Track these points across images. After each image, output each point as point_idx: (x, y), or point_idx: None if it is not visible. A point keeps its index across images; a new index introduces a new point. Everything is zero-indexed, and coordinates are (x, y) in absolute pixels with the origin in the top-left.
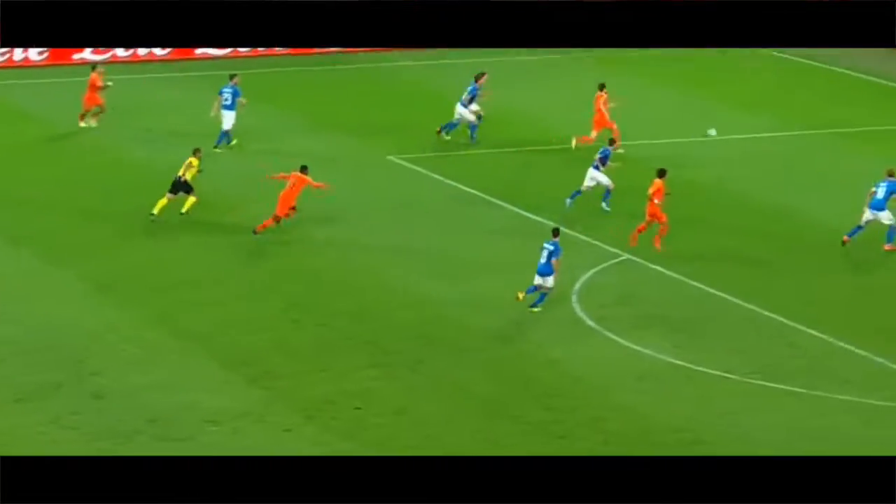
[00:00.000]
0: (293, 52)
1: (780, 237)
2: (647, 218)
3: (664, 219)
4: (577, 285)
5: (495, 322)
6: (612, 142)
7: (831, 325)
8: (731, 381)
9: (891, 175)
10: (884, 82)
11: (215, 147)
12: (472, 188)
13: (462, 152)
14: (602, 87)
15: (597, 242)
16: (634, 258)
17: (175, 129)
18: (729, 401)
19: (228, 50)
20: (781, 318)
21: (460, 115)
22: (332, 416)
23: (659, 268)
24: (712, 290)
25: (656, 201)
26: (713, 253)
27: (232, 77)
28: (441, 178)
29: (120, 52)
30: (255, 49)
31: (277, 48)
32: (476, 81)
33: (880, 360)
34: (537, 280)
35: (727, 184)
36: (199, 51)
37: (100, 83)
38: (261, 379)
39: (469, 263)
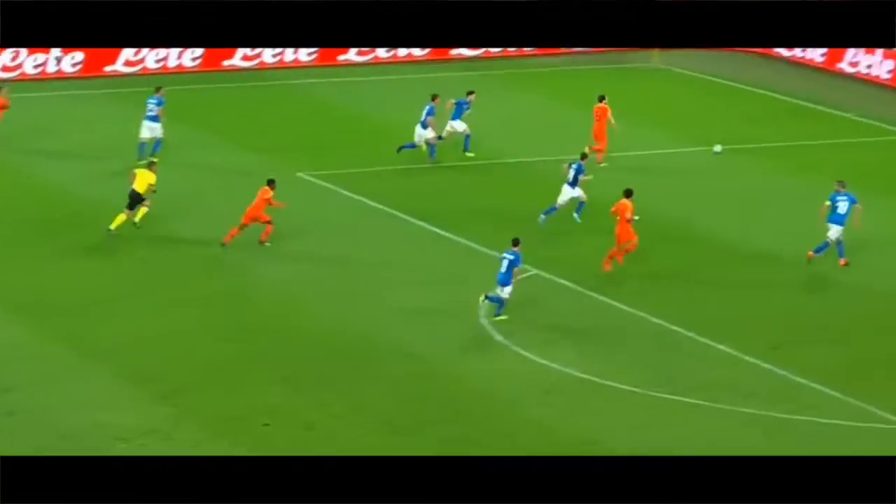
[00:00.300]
0: (206, 70)
1: (684, 252)
2: (617, 241)
3: (634, 239)
4: (486, 300)
5: (404, 337)
6: (583, 156)
7: (735, 339)
8: (637, 395)
9: (842, 186)
10: (788, 99)
11: (152, 156)
12: (382, 204)
13: (371, 169)
14: (602, 98)
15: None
16: (543, 273)
17: (84, 146)
18: (636, 414)
19: (139, 67)
20: (687, 332)
21: (419, 136)
22: (240, 433)
23: (567, 282)
24: (619, 305)
25: (628, 217)
26: (619, 268)
27: (158, 89)
28: (351, 194)
29: (29, 70)
30: (165, 66)
31: (189, 66)
32: (432, 101)
33: (783, 372)
34: (498, 290)
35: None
36: (109, 68)
37: (8, 103)
38: (169, 395)
39: (377, 278)
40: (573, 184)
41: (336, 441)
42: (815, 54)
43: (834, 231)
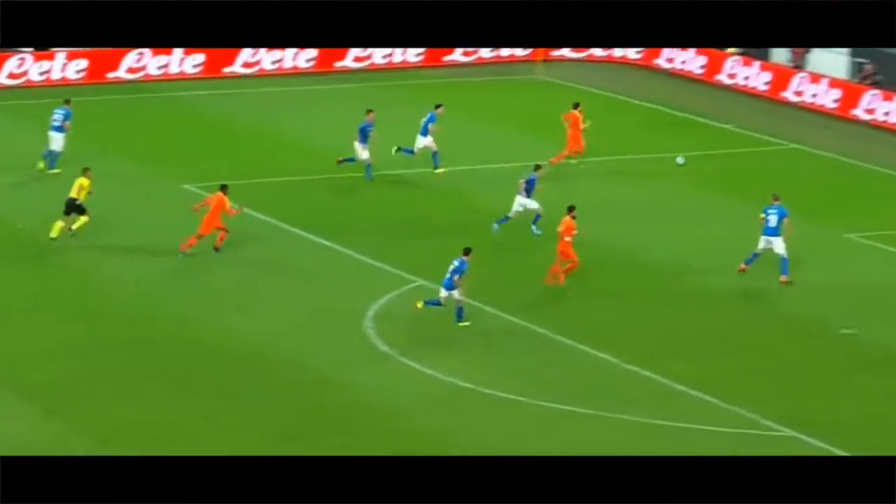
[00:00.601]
0: (91, 82)
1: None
2: (560, 258)
3: (574, 257)
4: (372, 311)
5: (291, 349)
6: (537, 167)
7: (617, 348)
8: (521, 403)
9: (776, 199)
10: (668, 111)
11: (50, 169)
12: (268, 216)
13: (259, 180)
14: (576, 105)
15: (391, 268)
16: (428, 283)
17: None
18: (520, 423)
19: (23, 80)
20: (570, 341)
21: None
22: (129, 445)
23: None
24: (504, 315)
25: (567, 238)
26: (505, 277)
27: (67, 101)
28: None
29: None
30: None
31: (73, 78)
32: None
33: (664, 380)
34: (442, 293)
35: (494, 208)
36: None
37: None
38: (58, 409)
39: (265, 289)
40: (527, 195)
41: (225, 452)
42: (695, 66)
43: (776, 245)
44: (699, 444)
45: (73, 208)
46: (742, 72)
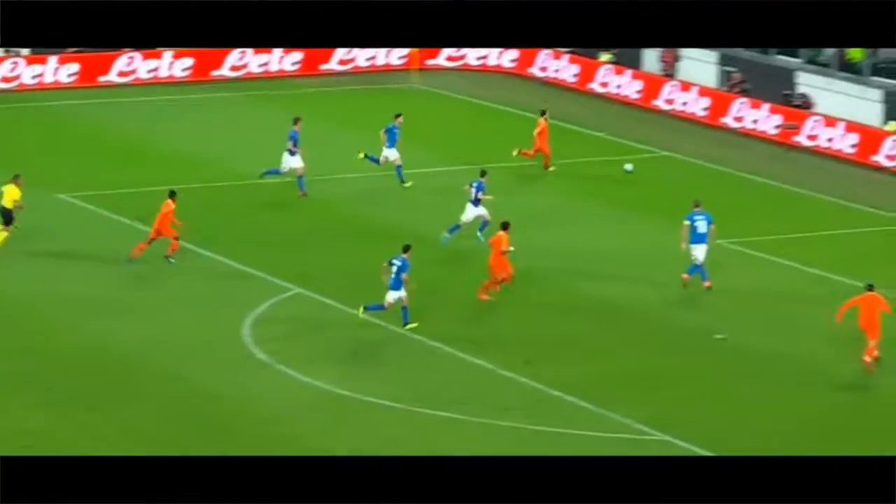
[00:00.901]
0: None
1: (443, 269)
2: (491, 272)
3: (509, 270)
4: (249, 319)
5: (166, 359)
6: (483, 173)
7: (493, 354)
8: (398, 410)
9: (697, 206)
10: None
11: None
12: (143, 225)
13: (132, 189)
14: (543, 113)
15: (267, 276)
16: (305, 291)
17: None
18: (395, 429)
19: None
20: (447, 348)
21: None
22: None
23: (329, 300)
24: (381, 322)
25: (503, 249)
26: (379, 284)
27: None
28: (114, 215)
29: None
30: None
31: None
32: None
33: (539, 386)
34: (388, 296)
35: (388, 219)
36: None
37: None
38: None
39: (141, 299)
40: (476, 202)
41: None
42: (568, 74)
43: (700, 251)
44: (573, 449)
45: (6, 217)
46: (614, 80)
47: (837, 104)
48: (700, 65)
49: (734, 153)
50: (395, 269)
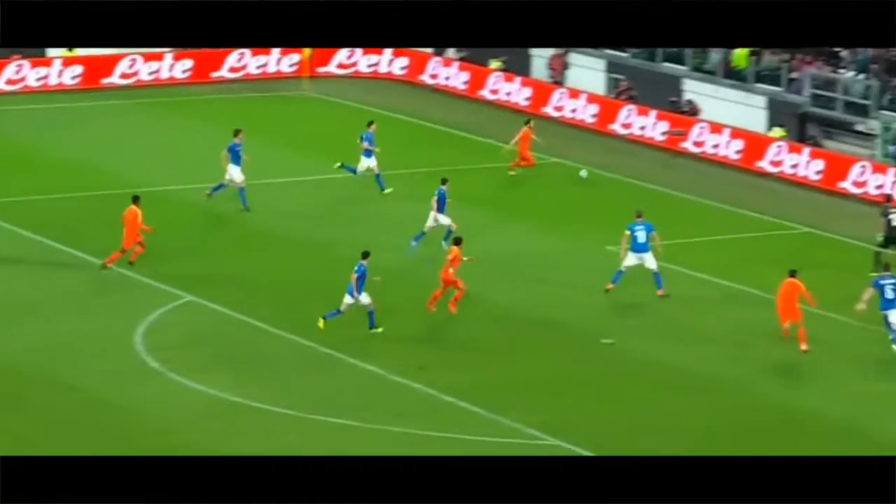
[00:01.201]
0: None
1: (329, 275)
2: (442, 285)
3: (461, 284)
4: (141, 327)
5: (58, 368)
6: (444, 181)
7: (384, 360)
8: (291, 417)
9: (639, 216)
10: (433, 126)
11: None
12: (31, 233)
13: (20, 198)
14: (528, 122)
15: (159, 284)
16: (197, 299)
17: None
18: (288, 436)
19: None
20: (339, 354)
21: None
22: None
23: (222, 308)
24: (273, 329)
25: (451, 270)
26: (272, 291)
27: None
28: (2, 223)
29: None
30: None
31: None
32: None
33: (431, 392)
34: (347, 299)
35: (281, 224)
36: None
37: None
38: None
39: (32, 310)
40: (440, 209)
41: None
42: (458, 82)
43: (647, 260)
44: (464, 454)
45: None
46: (504, 87)
47: (723, 111)
48: (588, 72)
49: (622, 160)
50: (355, 275)
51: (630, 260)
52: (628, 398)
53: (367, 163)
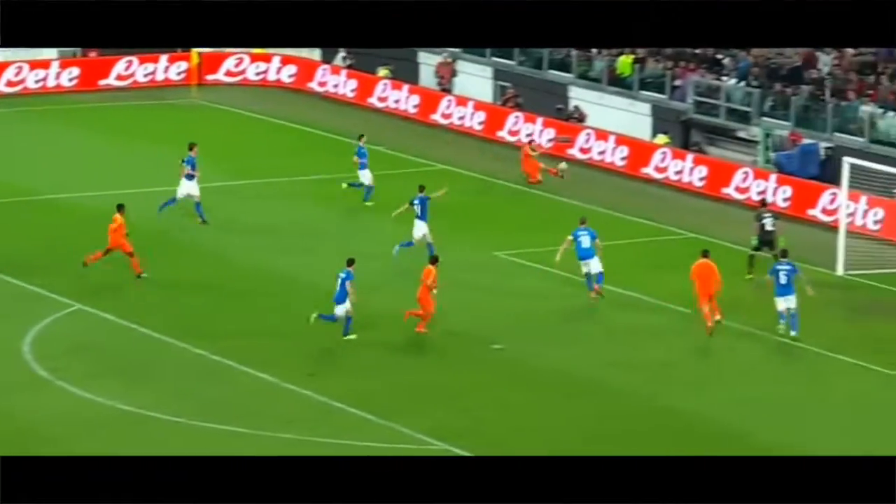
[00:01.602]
0: None
1: (221, 283)
2: (420, 305)
3: (431, 306)
4: (29, 336)
5: None
6: (421, 188)
7: (275, 367)
8: (181, 425)
9: (583, 223)
10: (322, 133)
11: None
12: None
13: None
14: (530, 142)
15: (47, 293)
16: (86, 308)
17: None
18: (178, 443)
19: None
20: (228, 361)
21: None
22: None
23: (110, 316)
24: (162, 337)
25: (429, 284)
26: (160, 299)
27: None
28: None
29: None
30: None
31: None
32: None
33: (322, 398)
34: (337, 309)
35: (174, 233)
36: None
37: None
38: None
39: None
40: (423, 218)
41: None
42: (347, 89)
43: (592, 265)
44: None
45: None
46: (392, 95)
47: (608, 118)
48: (476, 80)
49: (510, 166)
50: (340, 281)
51: (583, 267)
52: (517, 403)
53: (362, 177)
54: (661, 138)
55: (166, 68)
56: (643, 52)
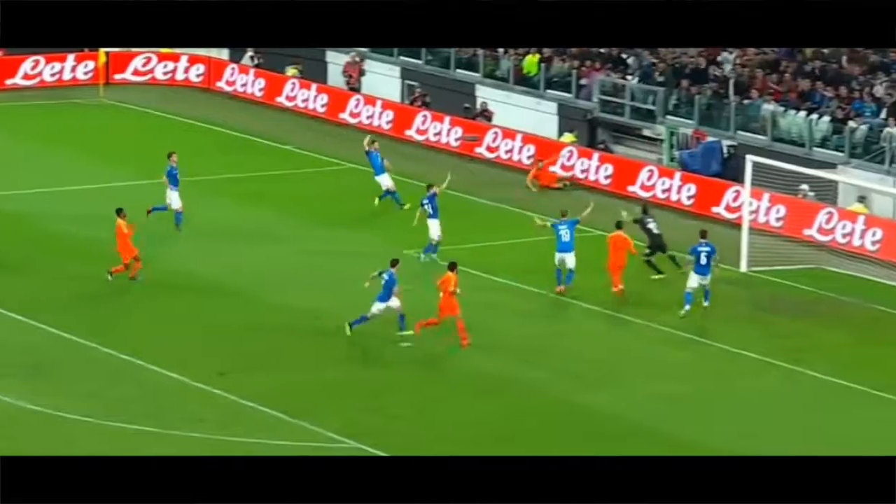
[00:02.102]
0: None
1: (126, 281)
2: (440, 313)
3: (456, 310)
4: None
5: None
6: (429, 186)
7: (184, 367)
8: (90, 424)
9: (564, 215)
10: (232, 133)
11: None
12: None
13: None
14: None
15: None
16: (6, 312)
17: None
18: (88, 443)
19: None
20: (138, 361)
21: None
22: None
23: (13, 315)
24: (68, 335)
25: (452, 290)
26: (69, 298)
27: None
28: None
29: None
30: None
31: None
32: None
33: (232, 397)
34: (378, 305)
35: (78, 231)
36: None
37: None
38: None
39: None
40: (435, 216)
41: None
42: (255, 89)
43: (568, 260)
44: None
45: None
46: (301, 94)
47: (515, 117)
48: (384, 79)
49: (418, 166)
50: (383, 281)
51: (556, 259)
52: (425, 401)
53: (380, 181)
54: (568, 137)
55: (73, 67)
56: (549, 51)
